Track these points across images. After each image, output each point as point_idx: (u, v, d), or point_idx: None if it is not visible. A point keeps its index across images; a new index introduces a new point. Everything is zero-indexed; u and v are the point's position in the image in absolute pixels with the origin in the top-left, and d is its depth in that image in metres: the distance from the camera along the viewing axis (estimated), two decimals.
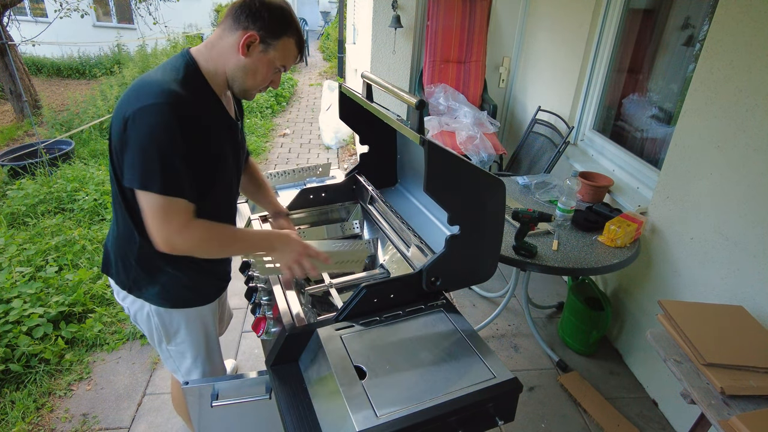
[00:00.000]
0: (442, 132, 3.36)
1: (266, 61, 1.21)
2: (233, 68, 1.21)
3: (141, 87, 1.12)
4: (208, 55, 1.21)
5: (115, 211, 1.29)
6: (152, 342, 1.48)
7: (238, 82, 1.23)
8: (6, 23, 6.19)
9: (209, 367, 1.56)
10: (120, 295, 1.42)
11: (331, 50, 11.33)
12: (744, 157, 1.77)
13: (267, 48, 1.20)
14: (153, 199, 1.11)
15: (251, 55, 1.19)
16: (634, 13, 2.79)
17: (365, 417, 1.00)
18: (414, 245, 1.54)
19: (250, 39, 1.17)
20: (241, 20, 1.17)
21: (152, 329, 1.43)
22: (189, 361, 1.50)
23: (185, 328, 1.44)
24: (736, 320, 1.57)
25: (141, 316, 1.42)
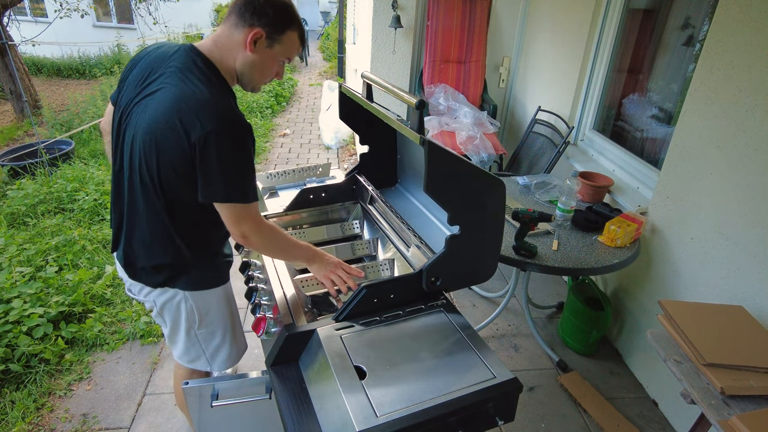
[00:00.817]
0: (442, 132, 3.36)
1: (272, 56, 1.27)
2: (242, 64, 1.26)
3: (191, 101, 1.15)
4: (218, 53, 1.25)
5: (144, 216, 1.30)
6: (177, 331, 1.50)
7: (247, 77, 1.29)
8: (6, 23, 6.19)
9: (236, 341, 1.62)
10: (144, 291, 1.44)
11: (331, 50, 11.33)
12: (744, 157, 1.77)
13: (272, 43, 1.25)
14: (234, 208, 1.23)
15: (258, 50, 1.24)
16: (634, 13, 2.79)
17: (365, 417, 1.00)
18: (414, 245, 1.54)
19: (256, 35, 1.22)
20: (246, 17, 1.21)
21: (181, 316, 1.46)
22: (218, 339, 1.55)
23: (215, 305, 1.50)
24: (736, 320, 1.57)
25: (171, 305, 1.45)
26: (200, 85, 1.18)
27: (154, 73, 1.23)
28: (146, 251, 1.35)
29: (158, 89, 1.20)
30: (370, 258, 1.76)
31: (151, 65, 1.25)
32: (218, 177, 1.18)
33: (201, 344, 1.54)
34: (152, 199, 1.26)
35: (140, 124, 1.20)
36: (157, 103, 1.18)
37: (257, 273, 1.54)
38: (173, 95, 1.16)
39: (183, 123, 1.14)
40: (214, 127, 1.13)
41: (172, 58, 1.23)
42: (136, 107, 1.23)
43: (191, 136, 1.13)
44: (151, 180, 1.23)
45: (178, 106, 1.14)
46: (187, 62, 1.21)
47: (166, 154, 1.18)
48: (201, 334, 1.52)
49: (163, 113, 1.16)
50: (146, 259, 1.36)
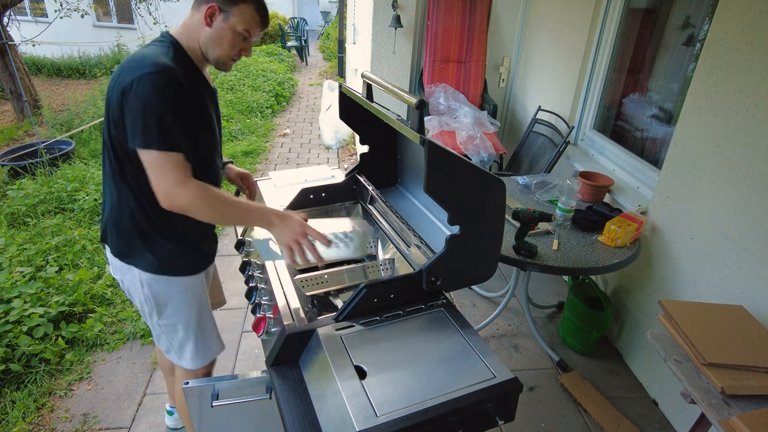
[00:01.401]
0: (442, 132, 3.36)
1: (228, 28, 1.33)
2: (203, 40, 1.34)
3: (134, 61, 1.25)
4: (185, 34, 1.35)
5: (110, 182, 1.37)
6: (144, 316, 1.53)
7: (209, 52, 1.36)
8: (6, 23, 6.19)
9: (202, 338, 1.57)
10: (115, 265, 1.46)
11: (331, 50, 11.33)
12: (744, 157, 1.77)
13: (227, 16, 1.32)
14: (153, 155, 1.23)
15: (215, 24, 1.32)
16: (635, 12, 2.79)
17: (365, 417, 1.00)
18: (414, 245, 1.54)
19: (211, 10, 1.30)
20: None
21: (143, 301, 1.47)
22: (181, 333, 1.52)
23: (176, 297, 1.47)
24: (736, 320, 1.57)
25: (134, 286, 1.45)
26: (151, 48, 1.29)
27: None
28: (110, 210, 1.40)
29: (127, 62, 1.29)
30: (370, 258, 1.76)
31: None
32: (137, 119, 1.20)
33: (166, 336, 1.54)
34: (111, 158, 1.32)
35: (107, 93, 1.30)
36: (117, 70, 1.28)
37: (257, 273, 1.54)
38: (126, 60, 1.28)
39: (122, 73, 1.23)
40: (143, 72, 1.19)
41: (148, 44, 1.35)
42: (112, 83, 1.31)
43: (124, 81, 1.20)
44: (109, 137, 1.30)
45: (126, 65, 1.25)
46: (156, 41, 1.34)
47: (112, 106, 1.25)
48: (163, 326, 1.51)
49: (115, 75, 1.26)
50: (110, 218, 1.40)
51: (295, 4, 16.39)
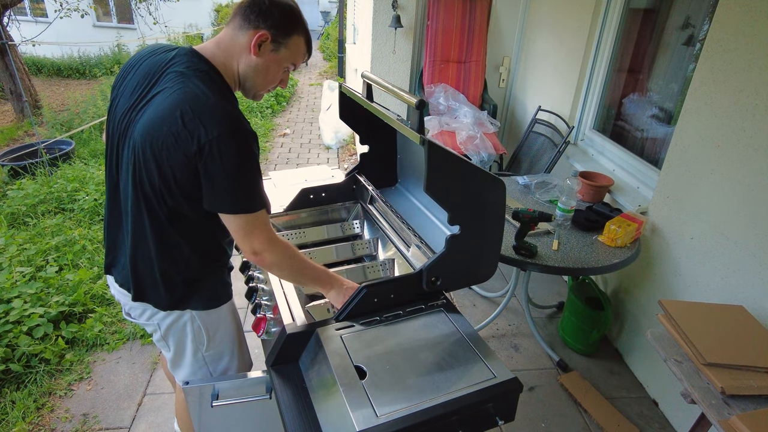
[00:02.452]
0: (442, 132, 3.36)
1: (277, 61, 1.22)
2: (245, 68, 1.21)
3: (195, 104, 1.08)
4: (221, 57, 1.19)
5: (147, 230, 1.21)
6: (182, 355, 1.41)
7: (250, 82, 1.24)
8: (6, 23, 6.19)
9: (243, 360, 1.54)
10: (147, 314, 1.35)
11: (331, 50, 11.33)
12: (744, 157, 1.77)
13: (278, 47, 1.20)
14: (243, 218, 1.15)
15: (263, 54, 1.19)
16: (635, 12, 2.79)
17: (365, 417, 1.00)
18: (414, 245, 1.54)
19: (261, 38, 1.17)
20: (251, 19, 1.16)
21: (187, 338, 1.38)
22: (226, 359, 1.46)
23: (224, 323, 1.43)
24: (736, 320, 1.57)
25: (176, 327, 1.36)
26: (203, 87, 1.11)
27: (152, 79, 1.16)
28: (154, 269, 1.26)
29: (157, 93, 1.13)
30: (370, 258, 1.76)
31: (148, 71, 1.18)
32: (225, 187, 1.11)
33: (208, 366, 1.45)
34: (155, 210, 1.18)
35: (139, 133, 1.12)
36: (157, 107, 1.10)
37: (257, 273, 1.54)
38: (175, 98, 1.09)
39: (186, 128, 1.06)
40: (220, 132, 1.06)
41: (172, 62, 1.16)
42: (136, 116, 1.15)
43: (195, 142, 1.06)
44: (152, 190, 1.15)
45: (181, 109, 1.07)
46: (189, 65, 1.15)
47: (167, 162, 1.10)
48: (209, 356, 1.43)
49: (164, 117, 1.08)
50: (155, 277, 1.26)
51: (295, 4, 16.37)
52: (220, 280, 1.38)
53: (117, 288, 1.37)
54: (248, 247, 1.19)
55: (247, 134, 1.12)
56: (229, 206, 1.14)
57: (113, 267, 1.37)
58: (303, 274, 1.30)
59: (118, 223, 1.30)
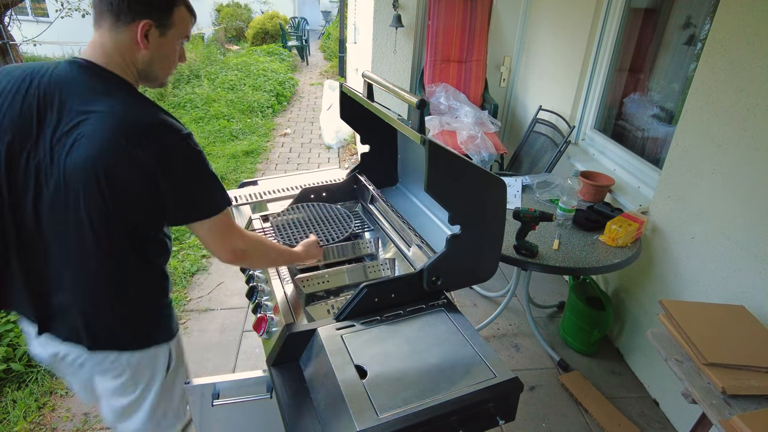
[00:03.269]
0: (443, 131, 3.35)
1: (168, 43, 1.13)
2: (142, 64, 1.11)
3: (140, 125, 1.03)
4: (115, 61, 1.08)
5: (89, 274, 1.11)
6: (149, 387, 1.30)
7: (152, 75, 1.15)
8: (7, 23, 6.20)
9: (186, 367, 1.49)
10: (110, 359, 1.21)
11: (331, 50, 11.33)
12: (745, 157, 1.77)
13: (165, 30, 1.10)
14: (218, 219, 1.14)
15: (152, 44, 1.09)
16: (636, 12, 2.79)
17: (366, 416, 1.00)
18: (415, 245, 1.54)
19: (145, 28, 1.06)
20: (123, 13, 1.05)
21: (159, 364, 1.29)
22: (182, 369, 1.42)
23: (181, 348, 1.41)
24: (737, 320, 1.57)
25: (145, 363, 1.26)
26: (130, 101, 1.05)
27: (53, 106, 1.03)
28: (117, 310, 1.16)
29: (79, 121, 1.01)
30: (370, 257, 1.76)
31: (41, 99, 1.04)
32: (196, 193, 1.09)
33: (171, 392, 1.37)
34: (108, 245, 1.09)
35: (72, 166, 1.01)
36: (93, 136, 1.00)
37: (258, 273, 1.54)
38: (110, 123, 1.01)
39: (136, 149, 1.00)
40: (174, 141, 1.04)
41: (70, 82, 1.05)
42: (52, 152, 1.02)
43: (149, 160, 1.01)
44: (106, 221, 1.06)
45: (123, 131, 1.00)
46: (96, 80, 1.05)
47: (119, 190, 1.03)
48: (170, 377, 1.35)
49: (108, 145, 0.99)
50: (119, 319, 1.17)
51: (296, 4, 16.39)
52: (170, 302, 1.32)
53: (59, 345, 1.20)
54: (225, 247, 1.17)
55: (190, 136, 1.08)
56: (206, 210, 1.11)
57: (50, 324, 1.18)
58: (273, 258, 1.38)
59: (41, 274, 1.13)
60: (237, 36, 13.32)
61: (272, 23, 12.20)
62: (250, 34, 12.34)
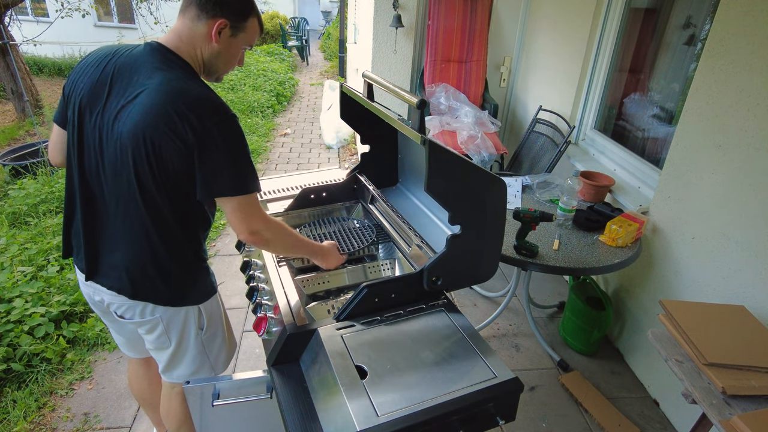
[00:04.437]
0: (443, 131, 3.35)
1: (236, 44, 1.28)
2: (209, 56, 1.25)
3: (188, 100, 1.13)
4: (185, 48, 1.23)
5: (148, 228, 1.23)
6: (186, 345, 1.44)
7: (214, 68, 1.29)
8: (7, 23, 6.20)
9: (231, 339, 1.61)
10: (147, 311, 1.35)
11: (332, 50, 11.33)
12: (745, 157, 1.77)
13: (236, 32, 1.25)
14: (242, 199, 1.21)
15: (223, 40, 1.24)
16: (636, 12, 2.79)
17: (366, 416, 1.00)
18: (415, 245, 1.54)
19: (221, 26, 1.21)
20: (208, 8, 1.20)
21: (190, 324, 1.41)
22: (219, 339, 1.52)
23: (217, 306, 1.49)
24: (737, 320, 1.57)
25: (179, 317, 1.38)
26: (185, 79, 1.17)
27: (123, 79, 1.18)
28: (156, 266, 1.28)
29: (139, 92, 1.14)
30: (371, 258, 1.76)
31: (118, 72, 1.19)
32: (225, 170, 1.17)
33: (206, 350, 1.50)
34: (157, 207, 1.21)
35: (128, 133, 1.13)
36: (145, 105, 1.12)
37: (258, 273, 1.54)
38: (161, 94, 1.12)
39: (181, 121, 1.11)
40: (214, 121, 1.13)
41: (141, 59, 1.19)
42: (116, 118, 1.16)
43: (192, 133, 1.11)
44: (155, 186, 1.18)
45: (172, 103, 1.11)
46: (161, 60, 1.18)
47: (164, 156, 1.14)
48: (206, 339, 1.48)
49: (158, 114, 1.11)
50: (157, 274, 1.28)
51: (296, 4, 16.38)
52: (209, 270, 1.45)
53: (106, 292, 1.33)
54: (246, 227, 1.24)
55: (236, 119, 1.18)
56: (231, 189, 1.19)
57: (96, 274, 1.33)
58: (294, 247, 1.42)
59: (98, 227, 1.29)
60: None
61: (272, 23, 12.19)
62: None
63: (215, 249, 3.35)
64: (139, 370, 1.74)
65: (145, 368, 1.73)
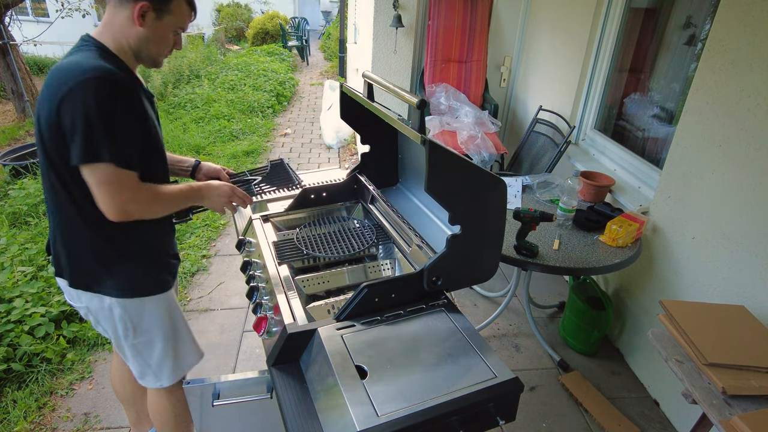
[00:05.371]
0: (443, 131, 3.35)
1: (164, 27, 1.25)
2: (136, 41, 1.24)
3: (66, 68, 1.14)
4: (111, 35, 1.23)
5: (55, 209, 1.27)
6: (118, 340, 1.43)
7: (144, 53, 1.27)
8: (8, 23, 6.20)
9: (181, 348, 1.52)
10: (76, 295, 1.37)
11: (332, 50, 11.33)
12: (745, 157, 1.77)
13: (162, 15, 1.23)
14: (104, 170, 1.15)
15: (147, 24, 1.22)
16: (636, 12, 2.79)
17: (366, 416, 1.00)
18: (415, 245, 1.54)
19: (143, 9, 1.19)
20: None
21: (116, 323, 1.38)
22: (159, 347, 1.45)
23: (149, 315, 1.41)
24: (737, 320, 1.57)
25: (102, 312, 1.37)
26: (80, 55, 1.17)
27: None
28: (61, 239, 1.30)
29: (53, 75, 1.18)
30: (371, 258, 1.76)
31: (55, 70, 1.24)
32: (78, 132, 1.11)
33: (142, 354, 1.45)
34: (49, 176, 1.22)
35: (36, 111, 1.19)
36: (45, 84, 1.17)
37: (258, 272, 1.54)
38: (55, 68, 1.16)
39: (53, 84, 1.12)
40: (80, 80, 1.10)
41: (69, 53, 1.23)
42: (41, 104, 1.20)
43: (58, 92, 1.11)
44: (47, 161, 1.20)
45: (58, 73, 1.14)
46: (78, 46, 1.22)
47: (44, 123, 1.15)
48: (139, 343, 1.43)
49: (48, 86, 1.15)
50: (64, 249, 1.31)
51: (296, 4, 16.38)
52: (142, 272, 1.37)
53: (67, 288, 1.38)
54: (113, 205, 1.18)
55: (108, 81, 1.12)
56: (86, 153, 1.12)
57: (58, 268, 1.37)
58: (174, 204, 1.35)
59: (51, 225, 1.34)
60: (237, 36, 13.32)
61: (272, 23, 12.19)
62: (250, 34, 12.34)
63: (215, 249, 3.35)
64: (116, 364, 1.74)
65: (120, 362, 1.71)
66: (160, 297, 1.42)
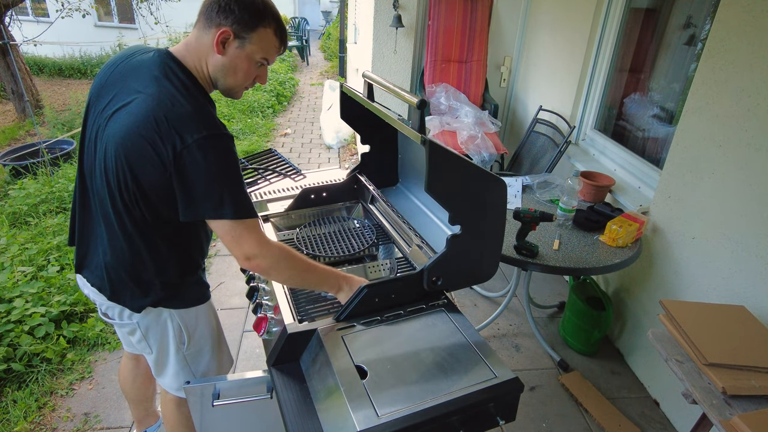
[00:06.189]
0: (444, 131, 3.35)
1: (245, 57, 1.18)
2: (213, 68, 1.18)
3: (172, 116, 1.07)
4: (193, 59, 1.18)
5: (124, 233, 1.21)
6: (166, 355, 1.43)
7: (221, 82, 1.21)
8: (8, 23, 6.20)
9: (223, 358, 1.57)
10: (125, 314, 1.35)
11: (332, 50, 11.33)
12: (746, 157, 1.77)
13: (243, 43, 1.16)
14: (229, 224, 1.13)
15: (228, 52, 1.16)
16: (636, 12, 2.79)
17: (366, 416, 1.00)
18: (415, 245, 1.54)
19: (223, 36, 1.13)
20: (212, 17, 1.13)
21: (168, 336, 1.39)
22: (206, 357, 1.49)
23: (203, 322, 1.44)
24: (737, 320, 1.57)
25: (156, 326, 1.37)
26: (177, 94, 1.10)
27: (126, 83, 1.16)
28: (130, 272, 1.26)
29: (132, 100, 1.11)
30: (371, 258, 1.76)
31: (123, 75, 1.18)
32: (204, 192, 1.09)
33: (190, 366, 1.47)
34: (132, 215, 1.18)
35: (112, 138, 1.11)
36: (131, 114, 1.09)
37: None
38: (148, 106, 1.08)
39: (161, 136, 1.06)
40: (195, 139, 1.06)
41: (146, 66, 1.16)
42: (109, 120, 1.14)
43: (171, 150, 1.06)
44: (128, 195, 1.15)
45: (155, 116, 1.06)
46: (162, 69, 1.14)
47: (142, 170, 1.10)
48: (189, 355, 1.45)
49: (138, 125, 1.07)
50: (131, 280, 1.27)
51: (296, 4, 16.37)
52: (196, 281, 1.40)
53: (90, 288, 1.36)
54: (239, 253, 1.16)
55: (223, 137, 1.10)
56: (213, 211, 1.11)
57: (84, 267, 1.36)
58: (305, 277, 1.27)
59: (89, 224, 1.31)
60: None
61: None
62: None
63: (215, 249, 3.35)
64: (129, 363, 1.75)
65: (134, 363, 1.73)
66: (208, 305, 1.45)
